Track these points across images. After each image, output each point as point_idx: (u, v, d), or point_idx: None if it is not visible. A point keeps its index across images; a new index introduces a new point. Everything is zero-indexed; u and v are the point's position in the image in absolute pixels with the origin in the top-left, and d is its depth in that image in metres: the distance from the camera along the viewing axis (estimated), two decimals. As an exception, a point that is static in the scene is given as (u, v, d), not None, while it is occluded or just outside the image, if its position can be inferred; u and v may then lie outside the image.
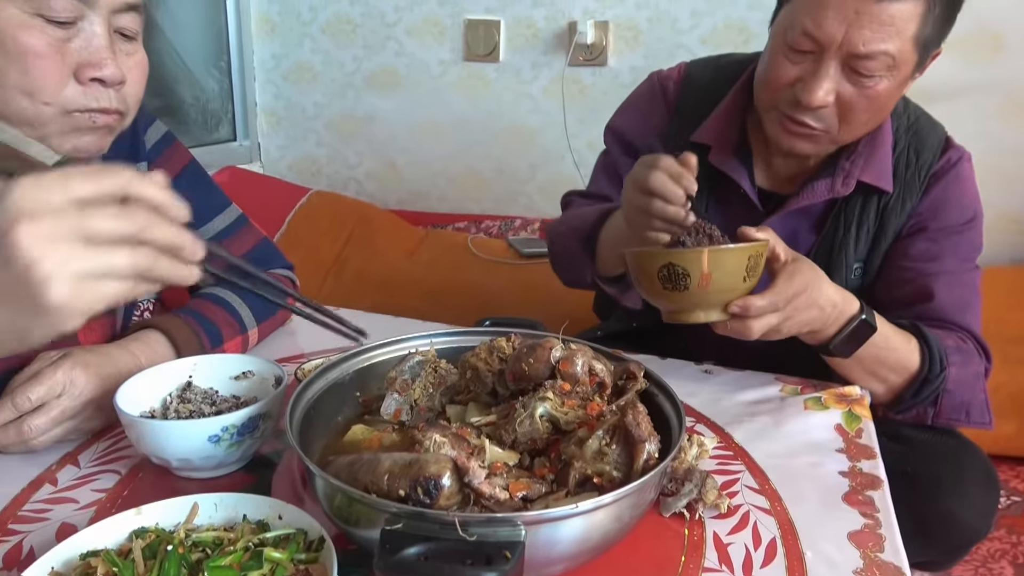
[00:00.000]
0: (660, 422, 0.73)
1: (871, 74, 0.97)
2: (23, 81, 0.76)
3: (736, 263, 0.87)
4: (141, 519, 0.64)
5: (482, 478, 0.58)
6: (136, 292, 0.55)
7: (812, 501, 0.79)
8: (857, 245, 1.13)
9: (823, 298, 0.94)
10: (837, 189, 1.10)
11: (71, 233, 0.50)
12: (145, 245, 0.53)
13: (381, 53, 2.51)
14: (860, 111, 1.01)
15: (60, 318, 0.51)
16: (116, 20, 0.81)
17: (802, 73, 1.00)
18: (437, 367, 0.82)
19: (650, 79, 1.30)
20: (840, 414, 0.97)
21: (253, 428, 0.78)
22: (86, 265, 0.50)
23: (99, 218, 0.51)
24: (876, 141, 1.10)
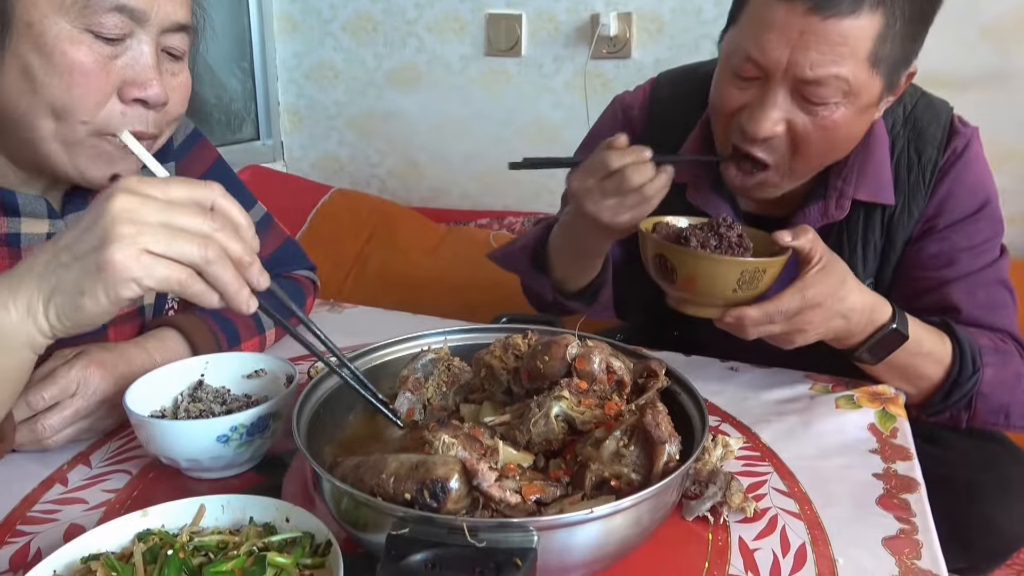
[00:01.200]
0: (683, 422, 0.70)
1: (824, 101, 0.89)
2: (65, 97, 0.74)
3: (725, 275, 0.84)
4: (147, 521, 0.63)
5: (492, 481, 0.55)
6: (192, 287, 0.56)
7: (844, 504, 0.75)
8: (865, 263, 1.05)
9: (846, 308, 0.88)
10: (831, 213, 1.02)
11: (155, 217, 0.55)
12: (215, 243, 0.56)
13: (402, 50, 2.50)
14: (815, 142, 0.92)
15: (113, 279, 0.54)
16: (165, 39, 0.79)
17: (749, 100, 0.93)
18: (450, 365, 0.80)
19: (612, 106, 1.22)
20: (874, 413, 0.93)
21: (263, 428, 0.77)
22: (155, 242, 0.54)
23: (183, 213, 0.56)
24: (868, 151, 1.00)
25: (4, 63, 0.73)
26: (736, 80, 0.94)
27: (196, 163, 1.08)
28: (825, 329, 0.88)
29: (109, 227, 0.54)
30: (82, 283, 0.55)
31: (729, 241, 0.86)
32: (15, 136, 0.78)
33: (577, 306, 1.16)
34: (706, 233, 0.87)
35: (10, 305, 0.57)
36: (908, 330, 0.92)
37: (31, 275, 0.57)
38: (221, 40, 2.50)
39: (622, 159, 0.92)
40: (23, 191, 0.84)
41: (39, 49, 0.72)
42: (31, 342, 0.58)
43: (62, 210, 0.88)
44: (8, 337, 0.57)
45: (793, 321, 0.86)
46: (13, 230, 0.84)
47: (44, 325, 0.57)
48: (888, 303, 0.92)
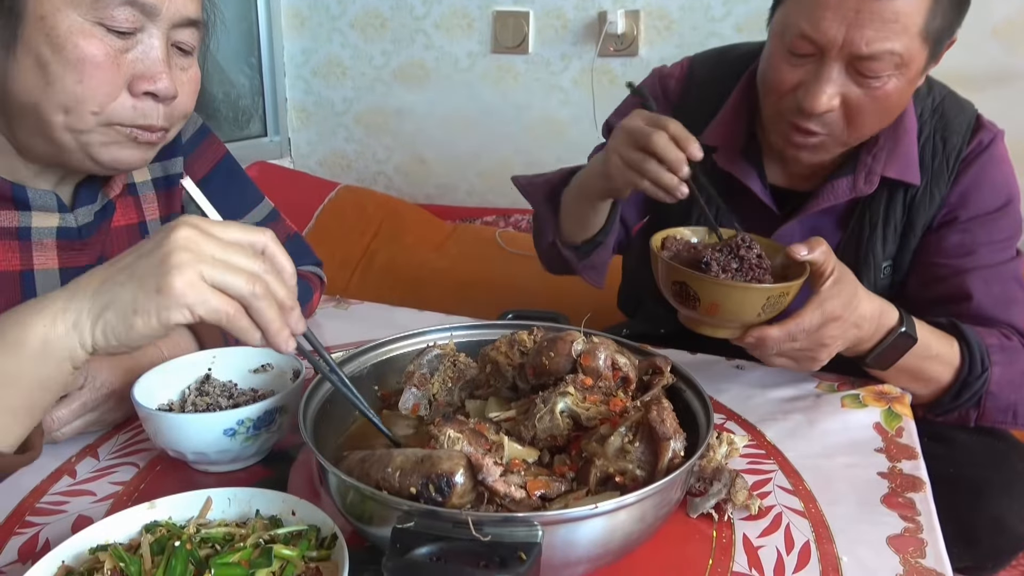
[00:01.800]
0: (688, 419, 0.70)
1: (877, 75, 0.90)
2: (76, 88, 0.75)
3: (750, 301, 0.82)
4: (154, 513, 0.64)
5: (496, 476, 0.55)
6: (238, 322, 0.59)
7: (849, 503, 0.75)
8: (885, 243, 1.07)
9: (859, 316, 0.88)
10: (860, 188, 1.03)
11: (213, 251, 0.58)
12: (263, 281, 0.59)
13: (410, 47, 2.50)
14: (869, 113, 0.94)
15: (169, 303, 0.56)
16: (175, 34, 0.80)
17: (804, 77, 0.94)
18: (456, 361, 0.80)
19: (651, 76, 1.24)
20: (879, 412, 0.93)
21: (269, 422, 0.77)
22: (211, 272, 0.57)
23: (238, 252, 0.59)
24: (899, 131, 1.03)
25: (17, 55, 0.74)
26: (790, 57, 0.95)
27: (204, 158, 1.08)
28: (843, 341, 0.88)
29: (171, 252, 0.56)
30: (137, 302, 0.57)
31: (750, 263, 0.85)
32: (27, 127, 0.79)
33: (570, 256, 1.16)
34: (726, 256, 0.85)
35: (59, 319, 0.58)
36: (916, 332, 0.92)
37: (86, 292, 0.59)
38: (230, 36, 2.50)
39: (664, 150, 0.91)
40: (34, 185, 0.85)
41: (51, 42, 0.73)
42: (72, 355, 0.59)
43: (72, 204, 0.89)
44: (52, 349, 0.58)
45: (814, 337, 0.85)
46: (24, 224, 0.85)
47: (88, 341, 0.58)
48: (894, 307, 0.92)
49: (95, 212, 0.91)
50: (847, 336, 0.88)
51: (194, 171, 1.06)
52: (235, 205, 1.12)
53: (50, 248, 0.87)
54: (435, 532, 0.53)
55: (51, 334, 0.58)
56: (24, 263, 0.85)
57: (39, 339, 0.58)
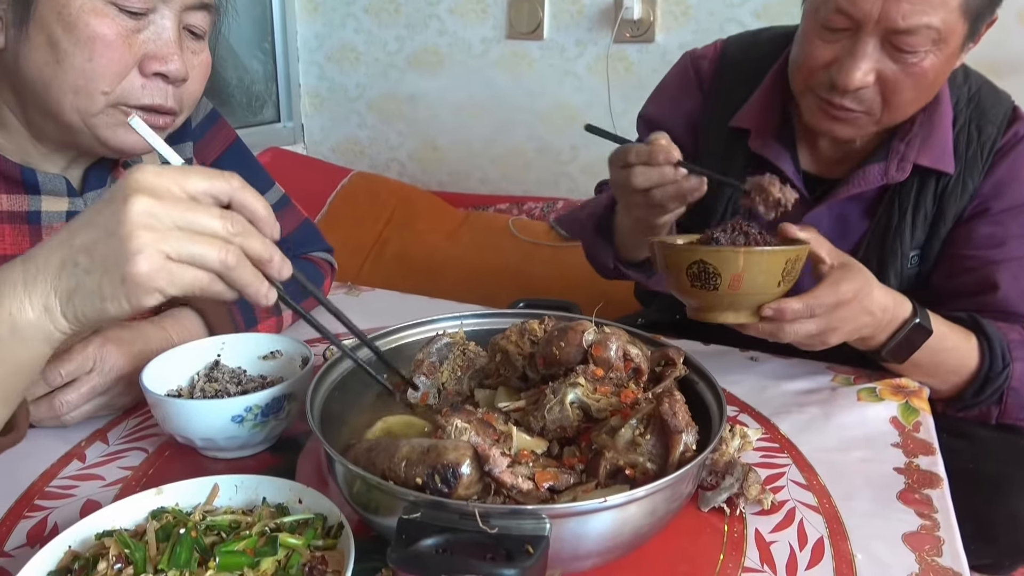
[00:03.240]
0: (700, 411, 0.69)
1: (914, 50, 0.88)
2: (87, 67, 0.75)
3: (772, 266, 0.80)
4: (161, 499, 0.63)
5: (503, 467, 0.54)
6: (213, 288, 0.56)
7: (864, 499, 0.74)
8: (914, 232, 1.04)
9: (873, 304, 0.86)
10: (892, 175, 1.02)
11: (174, 218, 0.53)
12: (235, 247, 0.55)
13: (423, 32, 2.48)
14: (905, 90, 0.92)
15: (137, 290, 0.53)
16: (187, 17, 0.80)
17: (838, 53, 0.92)
18: (466, 349, 0.79)
19: (683, 59, 1.23)
20: (896, 406, 0.91)
21: (278, 409, 0.77)
22: (176, 248, 0.53)
23: (202, 213, 0.54)
24: (933, 119, 1.01)
25: (30, 34, 0.75)
26: (824, 32, 0.93)
27: (214, 143, 1.08)
28: (854, 326, 0.86)
29: (129, 235, 0.53)
30: (104, 290, 0.54)
31: (755, 238, 0.84)
32: (38, 107, 0.79)
33: (638, 276, 1.15)
34: (731, 234, 0.84)
35: (26, 302, 0.56)
36: (931, 324, 0.90)
37: (47, 271, 0.56)
38: (243, 21, 2.50)
39: (638, 156, 0.91)
40: (44, 168, 0.85)
41: (63, 20, 0.74)
42: (48, 337, 0.57)
43: (81, 188, 0.89)
44: (25, 333, 0.56)
45: (828, 318, 0.84)
46: (34, 208, 0.84)
47: (63, 323, 0.57)
48: (908, 299, 0.91)
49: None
50: (858, 322, 0.86)
51: (204, 156, 1.06)
52: None
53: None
54: (441, 523, 0.52)
55: (21, 319, 0.55)
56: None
57: (7, 325, 0.55)
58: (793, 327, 0.83)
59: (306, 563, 0.56)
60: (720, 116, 1.12)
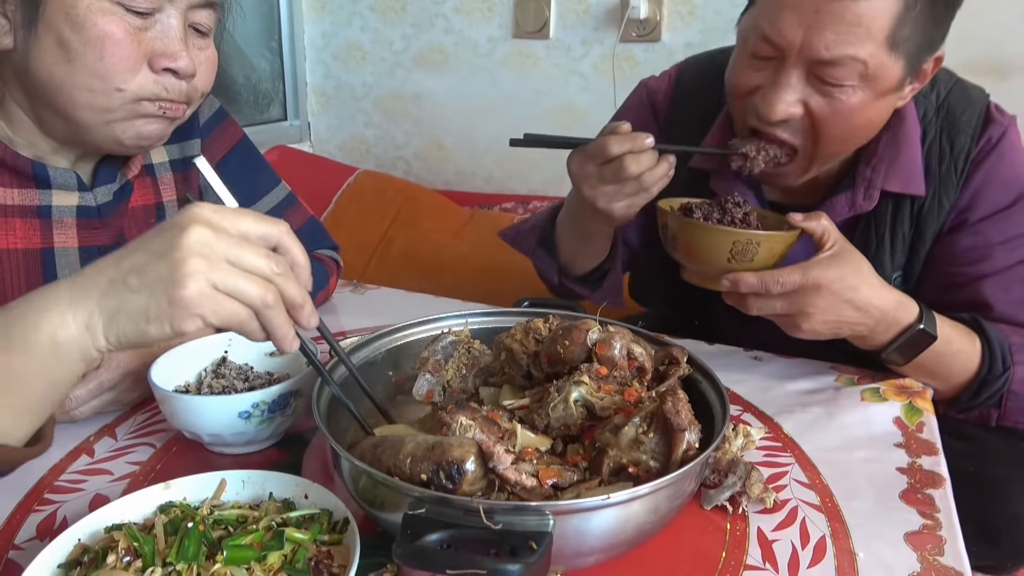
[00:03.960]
0: (704, 410, 0.70)
1: (839, 83, 0.86)
2: (99, 66, 0.77)
3: (717, 243, 0.86)
4: (169, 493, 0.64)
5: (508, 464, 0.55)
6: (249, 326, 0.58)
7: (867, 498, 0.74)
8: (893, 255, 1.02)
9: (859, 299, 0.85)
10: (859, 204, 0.99)
11: (226, 252, 0.56)
12: (275, 288, 0.58)
13: (429, 31, 2.49)
14: (833, 127, 0.90)
15: (182, 312, 0.55)
16: (192, 15, 0.82)
17: (763, 82, 0.91)
18: (471, 347, 0.80)
19: (638, 90, 1.20)
20: (900, 407, 0.91)
21: (284, 405, 0.77)
22: (223, 279, 0.56)
23: (251, 252, 0.57)
24: (899, 138, 0.97)
25: (39, 35, 0.76)
26: (752, 60, 0.92)
27: (221, 141, 1.09)
28: (835, 319, 0.86)
29: (183, 259, 0.55)
30: (151, 311, 0.55)
31: (732, 216, 0.89)
32: (50, 106, 0.80)
33: (582, 290, 1.16)
34: (711, 208, 0.90)
35: (69, 319, 0.57)
36: (936, 330, 0.90)
37: (93, 291, 0.57)
38: (250, 20, 2.51)
39: (622, 146, 0.91)
40: (54, 162, 0.86)
41: (71, 21, 0.75)
42: (85, 356, 0.58)
43: (91, 183, 0.90)
44: (64, 349, 0.57)
45: (793, 300, 0.84)
46: (45, 202, 0.86)
47: (102, 342, 0.57)
48: (915, 302, 0.90)
49: (113, 192, 0.91)
50: (840, 314, 0.86)
51: (211, 153, 1.07)
52: (251, 188, 1.13)
53: (70, 227, 0.88)
54: (446, 519, 0.53)
55: (62, 335, 0.57)
56: (45, 241, 0.86)
57: (49, 339, 0.57)
58: (757, 302, 0.86)
59: (312, 557, 0.56)
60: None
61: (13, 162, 0.82)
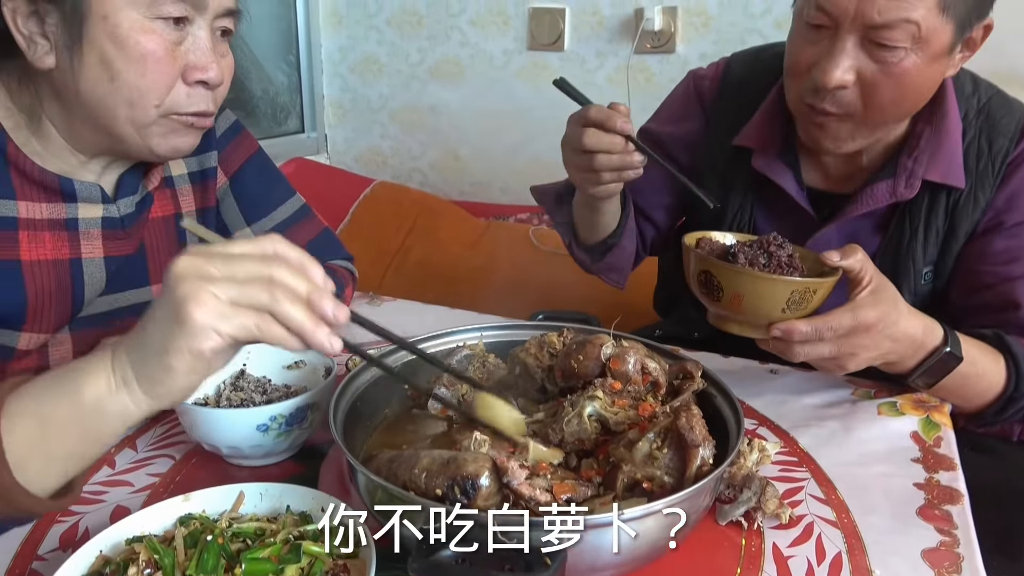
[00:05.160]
0: (718, 425, 0.70)
1: (893, 45, 0.87)
2: (140, 83, 0.79)
3: (774, 294, 0.80)
4: (189, 505, 0.65)
5: (522, 479, 0.55)
6: (272, 331, 0.56)
7: (883, 514, 0.74)
8: (926, 248, 1.03)
9: (898, 332, 0.85)
10: (900, 192, 1.00)
11: (221, 269, 0.55)
12: (281, 287, 0.56)
13: (445, 44, 2.51)
14: (885, 90, 0.91)
15: (193, 330, 0.54)
16: (217, 23, 0.85)
17: (819, 53, 0.92)
18: (485, 361, 0.80)
19: (687, 79, 1.23)
20: (917, 421, 0.91)
21: (301, 418, 0.78)
22: (224, 290, 0.54)
23: (245, 262, 0.56)
24: (940, 132, 0.99)
25: (83, 53, 0.78)
26: (808, 32, 0.93)
27: (237, 153, 1.11)
28: (877, 353, 0.85)
29: (177, 284, 0.54)
30: (165, 341, 0.55)
31: (779, 260, 0.84)
32: (89, 121, 0.83)
33: (585, 259, 1.17)
34: (755, 251, 0.84)
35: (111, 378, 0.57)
36: (961, 351, 0.89)
37: (124, 351, 0.58)
38: (268, 34, 2.54)
39: (597, 143, 0.92)
40: (80, 176, 0.89)
41: (115, 39, 0.77)
42: (124, 413, 0.57)
43: (115, 195, 0.92)
44: (105, 407, 0.57)
45: (842, 342, 0.83)
46: (71, 215, 0.88)
47: (140, 396, 0.57)
48: (939, 324, 0.89)
49: (135, 203, 0.94)
50: (880, 348, 0.85)
51: (227, 166, 1.09)
52: (266, 199, 1.14)
53: (96, 237, 0.90)
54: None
55: (104, 392, 0.57)
56: (73, 252, 0.89)
57: (93, 396, 0.57)
58: (804, 348, 0.83)
59: (328, 571, 0.57)
60: (722, 136, 1.12)
61: (41, 178, 0.85)
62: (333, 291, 0.59)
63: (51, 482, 0.59)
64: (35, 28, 0.78)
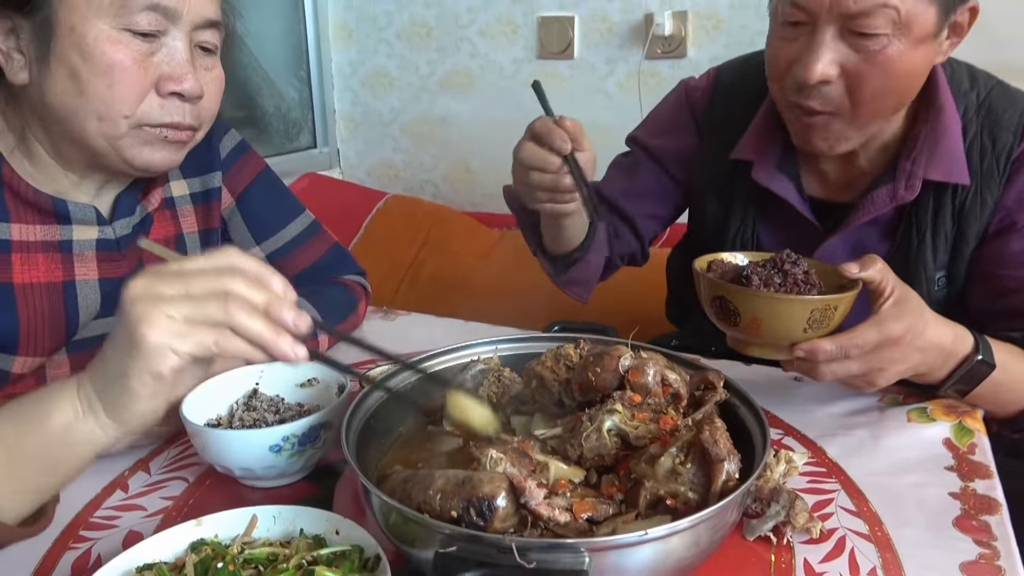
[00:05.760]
0: (743, 436, 0.67)
1: (874, 32, 0.84)
2: (107, 94, 0.78)
3: (794, 315, 0.77)
4: (201, 530, 0.64)
5: (540, 499, 0.53)
6: (232, 345, 0.55)
7: (918, 526, 0.71)
8: (936, 254, 0.99)
9: (926, 342, 0.82)
10: (900, 195, 0.96)
11: (175, 288, 0.54)
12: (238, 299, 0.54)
13: (455, 55, 2.50)
14: (871, 81, 0.88)
15: (149, 351, 0.53)
16: (197, 35, 0.83)
17: (799, 49, 0.89)
18: (500, 376, 0.78)
19: (678, 90, 1.20)
20: (949, 427, 0.88)
21: (314, 438, 0.77)
22: (178, 309, 0.53)
23: (199, 278, 0.55)
24: (937, 130, 0.96)
25: (51, 66, 0.78)
26: (785, 31, 0.91)
27: (243, 174, 1.10)
28: (906, 366, 0.82)
29: (131, 307, 0.53)
30: (124, 365, 0.54)
31: (795, 278, 0.80)
32: (65, 136, 0.82)
33: (549, 270, 1.13)
34: (769, 270, 0.81)
35: (77, 405, 0.56)
36: (994, 359, 0.86)
37: (88, 379, 0.57)
38: (279, 50, 2.55)
39: (531, 157, 0.89)
40: (74, 197, 0.88)
41: (81, 51, 0.77)
42: (92, 440, 0.57)
43: (111, 216, 0.91)
44: (72, 433, 0.56)
45: (870, 358, 0.79)
46: (66, 237, 0.88)
47: (105, 421, 0.56)
48: (969, 332, 0.86)
49: (133, 224, 0.93)
50: (910, 361, 0.82)
51: (233, 185, 1.08)
52: (275, 217, 1.13)
53: (90, 259, 0.90)
54: (478, 558, 0.51)
55: (70, 419, 0.56)
56: (66, 274, 0.88)
57: (61, 423, 0.56)
58: (830, 367, 0.79)
59: (343, 597, 0.55)
60: (716, 149, 1.09)
61: (35, 199, 0.84)
62: (294, 300, 0.58)
63: (21, 510, 0.58)
64: (12, 44, 0.78)
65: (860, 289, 0.80)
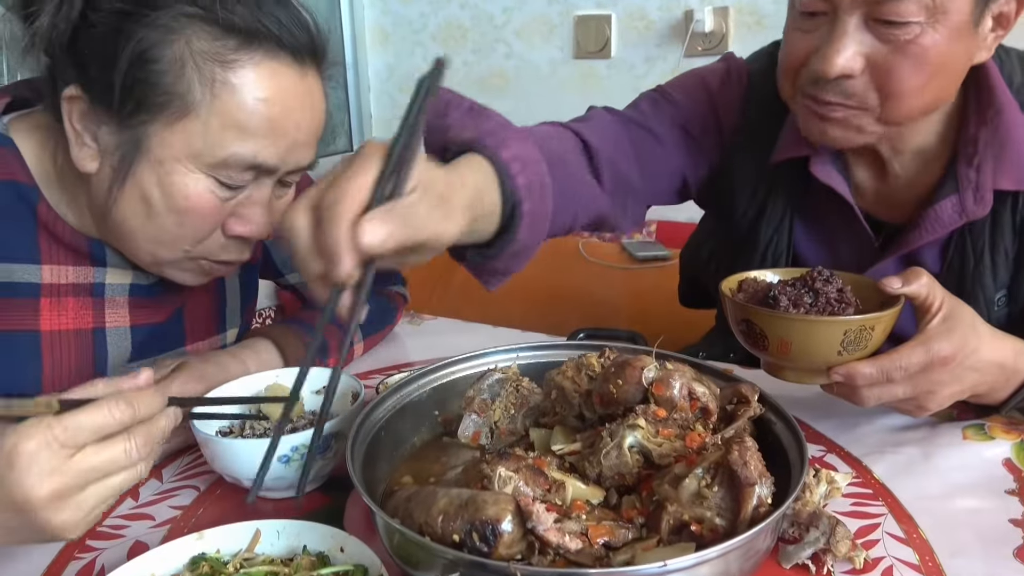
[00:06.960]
0: (779, 454, 0.62)
1: (904, 20, 0.75)
2: (175, 230, 0.75)
3: (824, 337, 0.71)
4: (203, 544, 0.62)
5: (549, 524, 0.49)
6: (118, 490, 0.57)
7: (974, 556, 0.65)
8: (996, 272, 0.90)
9: (981, 361, 0.74)
10: (970, 210, 0.86)
11: (73, 480, 0.53)
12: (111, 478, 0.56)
13: (491, 56, 2.48)
14: (903, 73, 0.78)
15: (66, 536, 0.55)
16: (284, 176, 0.80)
17: (817, 40, 0.80)
18: (519, 386, 0.74)
19: (727, 58, 1.09)
20: (1010, 446, 0.81)
21: (325, 448, 0.74)
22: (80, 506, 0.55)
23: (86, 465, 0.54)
24: (1000, 132, 0.85)
25: (125, 186, 0.74)
26: (803, 22, 0.82)
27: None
28: (958, 388, 0.75)
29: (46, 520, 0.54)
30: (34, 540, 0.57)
31: (827, 297, 0.74)
32: (113, 235, 0.79)
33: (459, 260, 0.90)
34: (798, 290, 0.75)
35: None
36: None
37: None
38: (316, 55, 2.56)
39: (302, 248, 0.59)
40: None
41: (162, 185, 0.73)
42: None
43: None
44: None
45: (917, 381, 0.73)
46: (99, 280, 0.84)
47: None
48: None
49: None
50: (964, 382, 0.75)
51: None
52: None
53: (122, 305, 0.87)
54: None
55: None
56: (97, 321, 0.85)
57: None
58: (872, 392, 0.73)
59: (341, 622, 0.52)
60: (750, 145, 0.99)
61: (71, 239, 0.81)
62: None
63: None
64: (84, 128, 0.73)
65: (901, 306, 0.74)
